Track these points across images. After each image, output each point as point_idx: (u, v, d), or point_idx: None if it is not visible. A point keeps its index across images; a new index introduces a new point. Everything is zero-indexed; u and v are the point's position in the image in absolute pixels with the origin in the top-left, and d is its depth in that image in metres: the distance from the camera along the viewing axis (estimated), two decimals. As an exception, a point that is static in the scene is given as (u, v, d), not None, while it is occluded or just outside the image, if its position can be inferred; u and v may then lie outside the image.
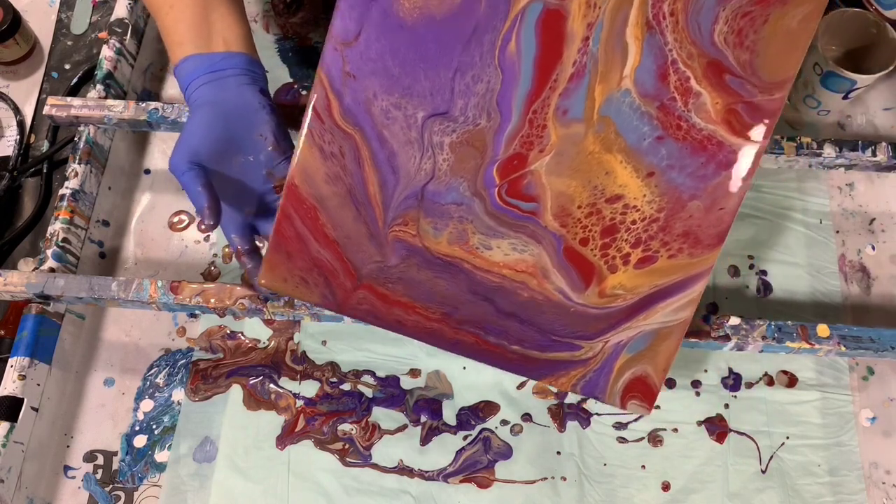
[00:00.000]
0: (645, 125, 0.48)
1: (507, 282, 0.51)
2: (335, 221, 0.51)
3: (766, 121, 0.48)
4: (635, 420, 0.62)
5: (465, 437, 0.62)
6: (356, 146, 0.50)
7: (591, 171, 0.49)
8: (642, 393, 0.53)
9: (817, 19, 0.47)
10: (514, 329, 0.52)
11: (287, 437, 0.62)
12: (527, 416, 0.63)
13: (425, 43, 0.48)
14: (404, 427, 0.63)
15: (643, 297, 0.51)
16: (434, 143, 0.50)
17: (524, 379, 0.64)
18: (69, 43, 0.80)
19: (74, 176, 0.67)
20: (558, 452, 0.61)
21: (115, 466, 0.62)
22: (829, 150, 0.66)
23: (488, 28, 0.48)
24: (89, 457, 0.62)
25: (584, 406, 0.63)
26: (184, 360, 0.65)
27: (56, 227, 0.65)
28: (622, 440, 0.62)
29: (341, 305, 0.52)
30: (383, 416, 0.63)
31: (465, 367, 0.64)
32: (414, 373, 0.64)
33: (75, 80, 0.76)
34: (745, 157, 0.49)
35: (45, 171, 0.73)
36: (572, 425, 0.62)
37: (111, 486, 0.61)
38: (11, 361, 0.60)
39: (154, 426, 0.63)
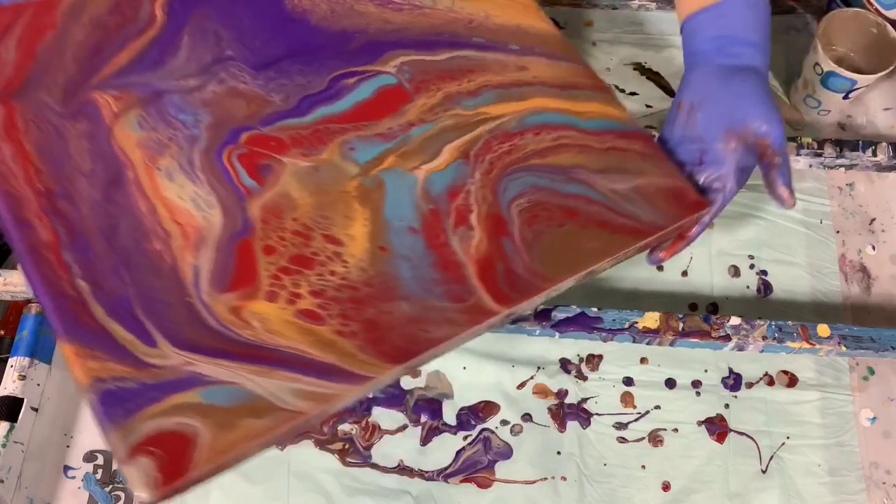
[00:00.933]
0: (409, 211, 0.46)
1: (152, 220, 0.42)
2: (60, 43, 0.47)
3: (516, 295, 0.44)
4: (635, 420, 0.62)
5: (465, 437, 0.62)
6: (152, 19, 0.50)
7: (334, 203, 0.46)
8: (167, 457, 0.35)
9: (603, 258, 0.47)
10: (107, 263, 0.40)
11: (287, 437, 0.62)
12: (527, 416, 0.62)
13: (284, 27, 0.52)
14: (404, 427, 0.63)
15: (272, 348, 0.39)
16: (217, 75, 0.49)
17: (524, 379, 0.64)
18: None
19: (74, 176, 0.66)
20: (558, 452, 0.61)
21: (115, 466, 0.62)
22: (829, 150, 0.66)
23: (342, 59, 0.51)
24: (89, 457, 0.62)
25: (585, 406, 0.63)
26: (184, 360, 0.65)
27: (56, 227, 0.65)
28: (622, 440, 0.62)
29: None
30: (383, 416, 0.63)
31: (465, 367, 0.64)
32: (414, 373, 0.64)
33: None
34: (474, 309, 0.43)
35: (45, 171, 0.73)
36: (572, 425, 0.62)
37: (111, 486, 0.61)
38: (11, 361, 0.60)
39: (154, 426, 0.63)
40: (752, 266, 0.68)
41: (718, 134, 0.48)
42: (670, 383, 0.64)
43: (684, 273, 0.68)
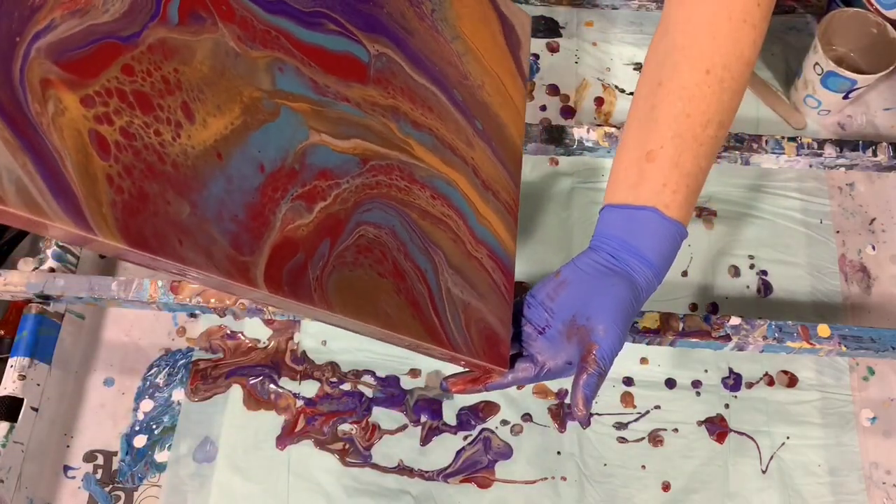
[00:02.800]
0: (274, 153, 0.43)
1: None
2: None
3: (286, 290, 0.41)
4: (635, 420, 0.62)
5: (465, 437, 0.62)
6: None
7: (221, 91, 0.42)
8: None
9: (382, 326, 0.44)
10: None
11: (287, 437, 0.62)
12: (527, 416, 0.62)
13: None
14: (404, 427, 0.63)
15: (41, 136, 0.36)
16: None
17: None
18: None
19: (74, 175, 0.66)
20: (558, 452, 0.61)
21: (114, 466, 0.62)
22: (829, 150, 0.66)
23: (340, 4, 0.48)
24: (89, 457, 0.62)
25: (585, 406, 0.63)
26: (184, 360, 0.65)
27: (56, 227, 0.65)
28: (622, 440, 0.62)
29: None
30: (383, 416, 0.63)
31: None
32: (414, 373, 0.64)
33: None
34: (240, 267, 0.39)
35: (44, 171, 0.73)
36: (572, 425, 0.62)
37: (111, 486, 0.61)
38: (11, 361, 0.60)
39: (154, 426, 0.63)
40: (752, 266, 0.68)
41: (566, 319, 0.48)
42: (670, 383, 0.64)
43: (684, 273, 0.68)
